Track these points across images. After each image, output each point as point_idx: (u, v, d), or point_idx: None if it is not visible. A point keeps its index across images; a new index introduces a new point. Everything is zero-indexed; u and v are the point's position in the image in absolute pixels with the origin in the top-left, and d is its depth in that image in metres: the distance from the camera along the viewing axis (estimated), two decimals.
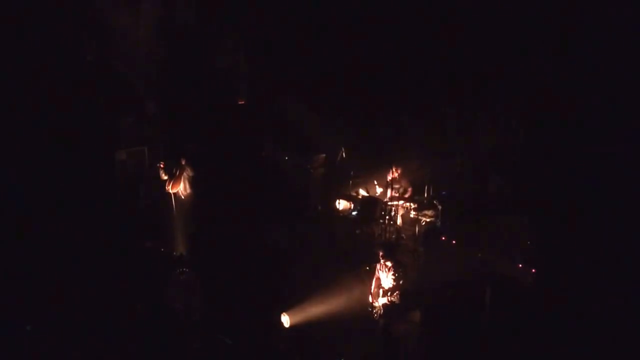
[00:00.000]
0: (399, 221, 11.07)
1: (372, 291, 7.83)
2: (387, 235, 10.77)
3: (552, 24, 9.96)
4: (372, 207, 11.18)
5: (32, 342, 7.40)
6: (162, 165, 10.59)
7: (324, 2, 12.75)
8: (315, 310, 8.40)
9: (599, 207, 8.83)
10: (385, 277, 7.66)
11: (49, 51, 10.99)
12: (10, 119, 10.31)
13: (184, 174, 10.53)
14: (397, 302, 7.47)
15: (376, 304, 7.74)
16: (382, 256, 7.69)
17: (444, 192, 10.95)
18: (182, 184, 10.54)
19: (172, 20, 13.23)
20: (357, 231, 11.31)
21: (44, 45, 10.89)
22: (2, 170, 9.84)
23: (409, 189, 11.13)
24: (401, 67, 12.06)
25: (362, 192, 11.78)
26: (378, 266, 7.80)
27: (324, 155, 12.84)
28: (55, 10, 11.20)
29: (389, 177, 11.14)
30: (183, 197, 10.59)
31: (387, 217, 10.89)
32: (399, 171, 11.16)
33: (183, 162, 10.53)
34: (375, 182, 11.76)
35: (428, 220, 10.81)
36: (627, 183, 8.63)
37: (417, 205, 10.88)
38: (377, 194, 11.62)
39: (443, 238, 10.49)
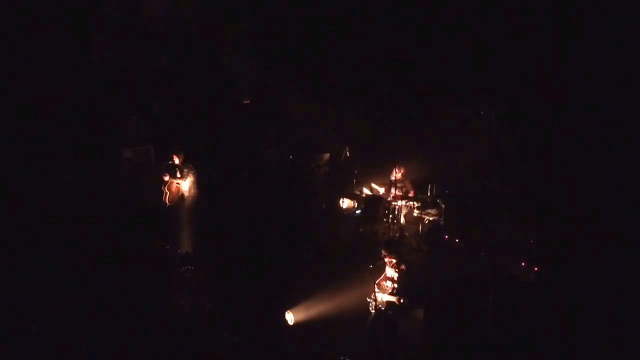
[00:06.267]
0: (402, 220, 11.11)
1: (376, 283, 7.78)
2: (391, 233, 10.83)
3: (554, 23, 9.99)
4: (375, 206, 11.22)
5: (38, 342, 7.47)
6: (164, 167, 10.65)
7: (328, 1, 12.80)
8: (319, 308, 8.45)
9: (601, 204, 8.85)
10: (394, 272, 7.70)
11: (56, 50, 11.08)
12: (18, 117, 10.41)
13: (189, 174, 10.57)
14: (404, 303, 7.50)
15: (379, 297, 7.73)
16: (384, 254, 7.73)
17: (447, 191, 10.99)
18: (186, 184, 10.58)
19: (178, 19, 13.31)
20: (361, 230, 11.37)
21: (51, 44, 10.98)
22: (9, 168, 9.93)
23: (411, 191, 11.17)
24: (405, 66, 12.10)
25: (366, 191, 11.82)
26: (386, 260, 7.78)
27: (328, 154, 12.89)
28: (62, 9, 11.29)
29: (393, 177, 11.20)
30: (187, 196, 10.63)
31: (390, 216, 10.95)
32: (402, 170, 11.22)
33: (178, 162, 10.55)
34: (379, 182, 11.81)
35: (431, 218, 10.84)
36: (628, 181, 8.66)
37: (420, 204, 10.92)
38: (380, 193, 11.66)
39: (446, 237, 10.54)
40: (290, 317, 8.46)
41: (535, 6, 10.28)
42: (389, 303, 7.60)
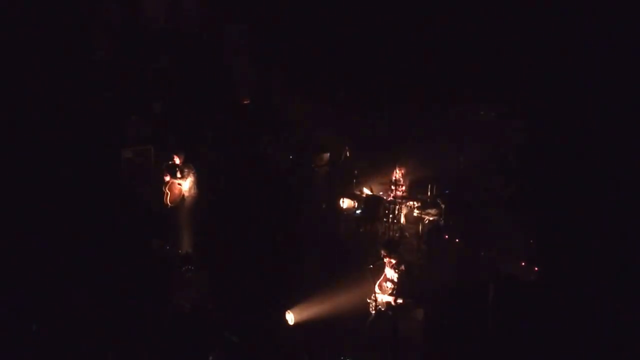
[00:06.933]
0: (403, 220, 11.12)
1: (378, 283, 7.80)
2: (391, 233, 10.83)
3: (554, 22, 10.00)
4: (375, 206, 11.24)
5: (38, 341, 7.46)
6: (164, 167, 10.64)
7: (328, 1, 12.81)
8: (319, 308, 8.46)
9: (602, 204, 8.85)
10: (393, 273, 7.70)
11: (57, 49, 11.09)
12: (18, 116, 10.41)
13: (190, 174, 10.56)
14: (405, 303, 7.51)
15: (379, 298, 7.73)
16: (384, 254, 7.73)
17: (447, 191, 11.00)
18: (187, 184, 10.58)
19: (178, 19, 13.32)
20: (361, 229, 11.37)
21: (51, 43, 10.98)
22: (10, 168, 9.93)
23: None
24: (405, 66, 12.10)
25: (366, 191, 11.83)
26: (386, 261, 7.79)
27: (328, 154, 12.89)
28: (63, 10, 11.30)
29: (393, 176, 11.21)
30: (188, 196, 10.63)
31: (390, 216, 10.95)
32: (402, 170, 11.22)
33: (179, 162, 10.55)
34: (379, 182, 11.82)
35: (431, 218, 10.85)
36: (628, 181, 8.66)
37: (420, 204, 10.93)
38: (380, 193, 11.67)
39: (446, 236, 10.54)
40: (290, 317, 8.46)
41: (535, 6, 10.29)
42: (389, 303, 7.61)
